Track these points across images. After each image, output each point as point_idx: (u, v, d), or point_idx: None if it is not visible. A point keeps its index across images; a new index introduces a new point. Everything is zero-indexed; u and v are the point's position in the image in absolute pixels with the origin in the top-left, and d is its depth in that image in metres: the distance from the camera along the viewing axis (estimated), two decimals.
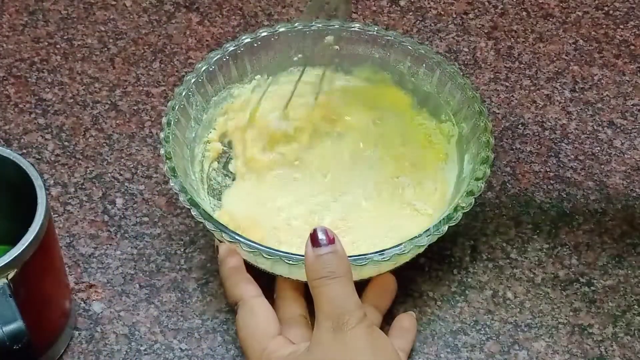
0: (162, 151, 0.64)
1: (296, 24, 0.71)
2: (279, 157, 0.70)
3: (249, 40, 0.70)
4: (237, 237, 0.60)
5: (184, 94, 0.68)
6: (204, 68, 0.69)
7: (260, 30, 0.71)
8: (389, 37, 0.71)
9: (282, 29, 0.71)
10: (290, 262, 0.59)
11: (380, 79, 0.72)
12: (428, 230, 0.61)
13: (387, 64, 0.72)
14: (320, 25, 0.71)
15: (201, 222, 0.61)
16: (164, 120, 0.66)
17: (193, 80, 0.68)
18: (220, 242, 0.64)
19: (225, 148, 0.71)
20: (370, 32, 0.71)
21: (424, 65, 0.70)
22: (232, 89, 0.71)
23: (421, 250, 0.63)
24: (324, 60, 0.72)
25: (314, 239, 0.56)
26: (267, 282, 0.63)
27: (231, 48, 0.70)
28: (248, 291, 0.61)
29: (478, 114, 0.66)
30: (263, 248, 0.60)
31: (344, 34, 0.72)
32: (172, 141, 0.65)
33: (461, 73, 0.69)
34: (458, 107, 0.68)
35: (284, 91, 0.71)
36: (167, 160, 0.63)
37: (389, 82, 0.72)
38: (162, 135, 0.65)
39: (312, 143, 0.71)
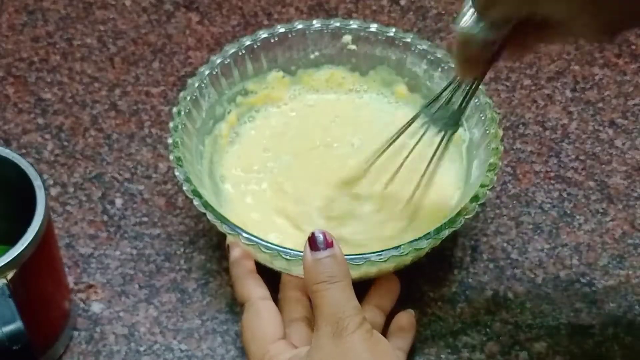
0: (169, 140, 0.64)
1: (313, 22, 0.71)
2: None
3: (266, 35, 0.71)
4: (237, 229, 0.60)
5: (196, 85, 0.68)
6: (219, 61, 0.69)
7: (278, 26, 0.71)
8: (406, 40, 0.71)
9: (299, 26, 0.71)
10: (288, 257, 0.59)
11: (395, 81, 0.72)
12: (428, 234, 0.60)
13: (403, 66, 0.71)
14: (338, 25, 0.71)
15: (203, 217, 0.61)
16: (174, 110, 0.66)
17: (207, 72, 0.68)
18: (232, 242, 0.64)
19: None
20: (387, 34, 0.71)
21: (439, 69, 0.70)
22: (247, 84, 0.71)
23: (422, 253, 0.62)
24: (341, 60, 0.72)
25: (312, 243, 0.55)
26: (277, 287, 0.63)
27: (248, 42, 0.70)
28: (256, 293, 0.61)
29: (490, 121, 0.66)
30: (261, 242, 0.60)
31: (362, 34, 0.71)
32: (181, 131, 0.65)
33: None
34: (470, 113, 0.68)
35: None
36: (175, 150, 0.63)
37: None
38: (171, 124, 0.65)
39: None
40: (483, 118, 0.67)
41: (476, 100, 0.68)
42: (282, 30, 0.71)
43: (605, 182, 0.73)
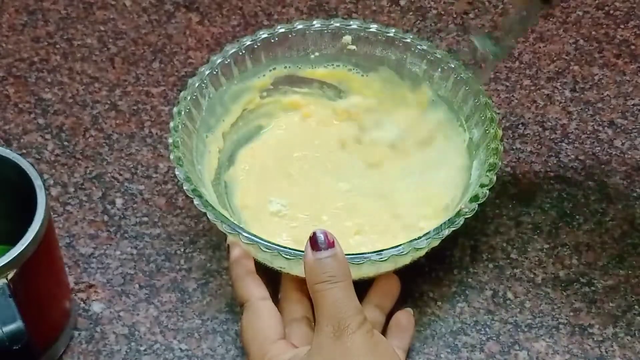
0: (170, 140, 0.64)
1: (313, 22, 0.71)
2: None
3: (266, 35, 0.71)
4: (237, 228, 0.60)
5: (197, 85, 0.68)
6: (219, 61, 0.69)
7: (278, 27, 0.71)
8: (406, 40, 0.71)
9: (299, 26, 0.71)
10: (288, 256, 0.59)
11: (395, 81, 0.72)
12: (428, 233, 0.60)
13: (403, 66, 0.71)
14: (338, 25, 0.71)
15: (203, 217, 0.62)
16: (174, 109, 0.66)
17: (207, 72, 0.69)
18: (232, 242, 0.64)
19: None
20: (388, 34, 0.71)
21: (439, 69, 0.70)
22: (247, 83, 0.71)
23: (422, 253, 0.62)
24: (341, 60, 0.73)
25: (313, 242, 0.55)
26: (277, 287, 0.63)
27: (248, 42, 0.70)
28: (255, 293, 0.61)
29: (489, 121, 0.66)
30: (261, 241, 0.60)
31: (362, 34, 0.71)
32: (181, 131, 0.65)
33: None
34: (470, 113, 0.68)
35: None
36: (174, 150, 0.63)
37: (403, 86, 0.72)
38: (171, 124, 0.65)
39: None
40: (483, 118, 0.67)
41: (476, 100, 0.68)
42: (282, 30, 0.71)
43: (604, 182, 0.73)
